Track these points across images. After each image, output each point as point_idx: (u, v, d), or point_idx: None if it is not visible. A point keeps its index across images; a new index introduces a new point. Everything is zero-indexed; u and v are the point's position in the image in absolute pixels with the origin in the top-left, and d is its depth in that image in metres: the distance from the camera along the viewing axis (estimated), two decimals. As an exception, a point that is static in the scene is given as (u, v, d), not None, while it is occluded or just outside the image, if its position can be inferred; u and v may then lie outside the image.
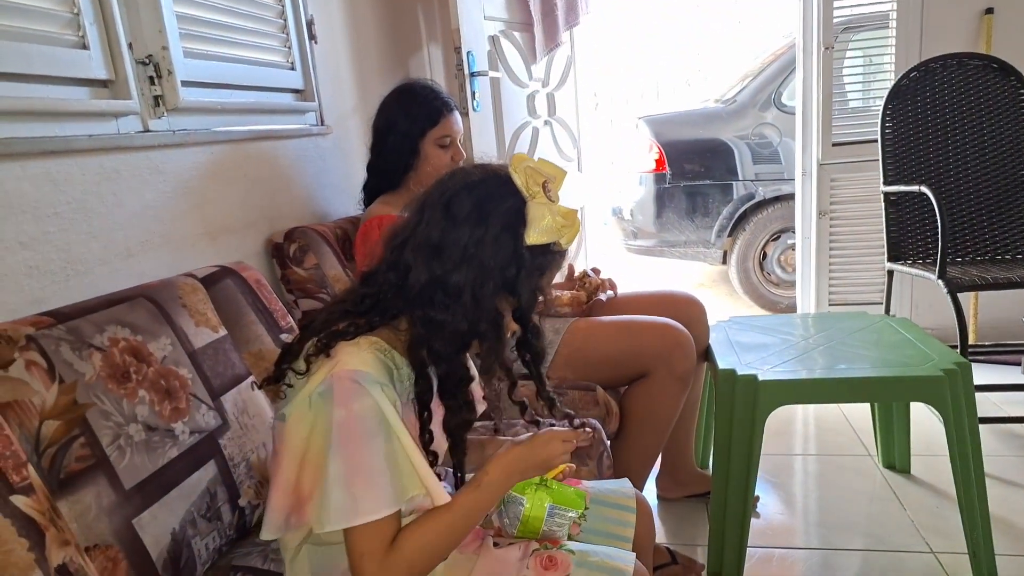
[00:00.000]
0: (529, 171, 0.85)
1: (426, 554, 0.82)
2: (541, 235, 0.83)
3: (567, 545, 0.91)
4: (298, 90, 1.75)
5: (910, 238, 2.34)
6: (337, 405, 0.77)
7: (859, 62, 2.94)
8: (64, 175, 1.05)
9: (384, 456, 0.79)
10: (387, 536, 0.80)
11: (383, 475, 0.78)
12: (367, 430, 0.78)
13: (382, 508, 0.78)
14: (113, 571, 0.84)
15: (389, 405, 0.80)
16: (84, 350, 0.92)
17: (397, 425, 0.80)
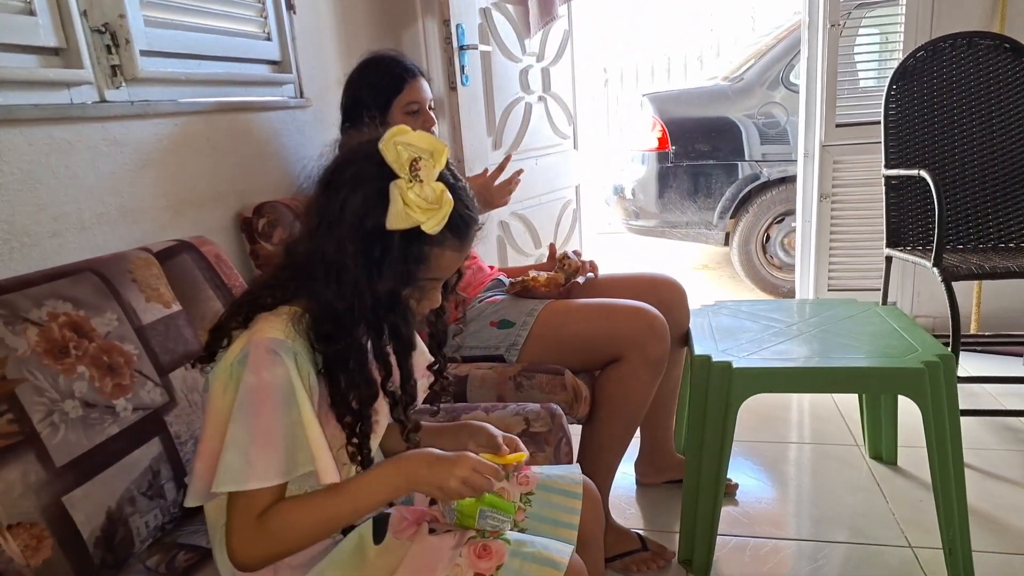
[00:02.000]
0: (402, 147, 0.80)
1: (295, 531, 0.81)
2: (397, 219, 0.79)
3: (504, 535, 0.89)
4: (275, 61, 1.71)
5: (910, 224, 2.27)
6: (249, 371, 0.78)
7: (875, 39, 2.84)
8: (8, 145, 1.03)
9: (284, 427, 0.78)
10: (262, 505, 0.79)
11: (279, 445, 0.78)
12: (272, 399, 0.78)
13: (271, 477, 0.78)
14: (37, 548, 0.83)
15: (298, 377, 0.79)
16: (18, 324, 0.90)
17: (302, 398, 0.79)
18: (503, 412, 1.25)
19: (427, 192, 0.79)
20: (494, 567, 0.84)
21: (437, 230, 0.80)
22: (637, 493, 1.88)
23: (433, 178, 0.80)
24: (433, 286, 0.88)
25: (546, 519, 0.99)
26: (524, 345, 1.52)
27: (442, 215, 0.80)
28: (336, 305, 0.81)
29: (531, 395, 1.40)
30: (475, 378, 1.44)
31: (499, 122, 2.50)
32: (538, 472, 1.04)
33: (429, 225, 0.79)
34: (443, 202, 0.80)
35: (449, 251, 0.84)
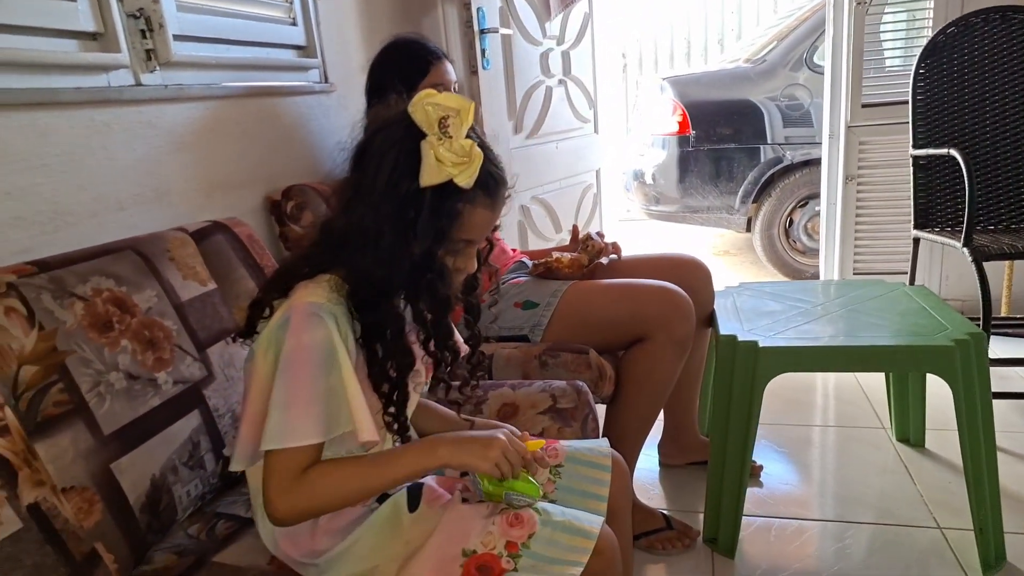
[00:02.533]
0: (430, 108, 0.82)
1: (331, 492, 0.83)
2: (429, 174, 0.81)
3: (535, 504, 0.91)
4: (300, 46, 1.73)
5: (939, 205, 2.24)
6: (291, 334, 0.80)
7: (902, 17, 2.79)
8: (52, 127, 1.06)
9: (324, 387, 0.80)
10: (301, 463, 0.81)
11: (320, 404, 0.80)
12: (313, 360, 0.80)
13: (313, 435, 0.80)
14: (89, 512, 0.87)
15: (339, 338, 0.81)
16: (66, 299, 0.93)
17: (343, 359, 0.81)
18: (529, 389, 1.27)
19: (457, 147, 0.81)
20: (526, 535, 0.86)
21: (469, 183, 0.82)
22: (660, 474, 1.89)
23: (462, 135, 0.82)
24: (468, 250, 0.90)
25: (575, 491, 1.00)
26: (548, 325, 1.53)
27: (473, 168, 0.82)
28: (374, 272, 0.83)
29: (556, 374, 1.41)
30: (500, 357, 1.46)
31: (520, 106, 2.50)
32: (566, 445, 1.05)
33: (462, 178, 0.81)
34: (473, 155, 0.82)
35: (481, 208, 0.86)
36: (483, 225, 0.88)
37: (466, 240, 0.88)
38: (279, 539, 0.92)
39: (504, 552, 0.84)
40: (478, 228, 0.88)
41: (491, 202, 0.87)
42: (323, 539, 0.90)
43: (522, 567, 0.84)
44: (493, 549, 0.85)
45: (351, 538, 0.89)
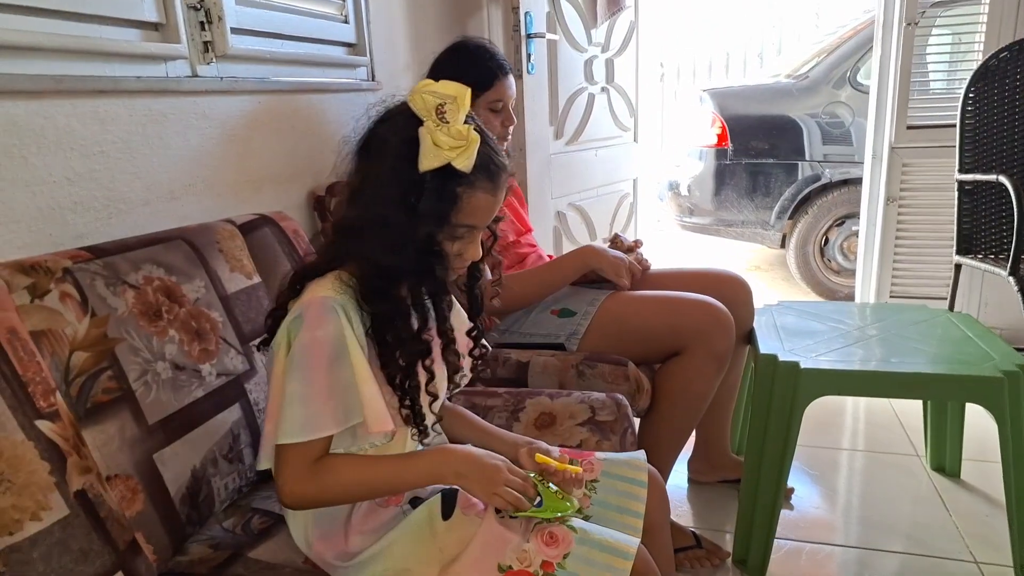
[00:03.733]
0: (428, 96, 0.83)
1: (340, 485, 0.86)
2: (428, 159, 0.82)
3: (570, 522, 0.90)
4: (350, 44, 1.74)
5: (983, 231, 2.20)
6: (304, 329, 0.83)
7: (947, 40, 2.75)
8: (112, 115, 1.07)
9: (337, 379, 0.82)
10: (314, 454, 0.84)
11: (332, 396, 0.82)
12: (325, 353, 0.82)
13: (326, 427, 0.82)
14: (132, 500, 0.87)
15: (350, 330, 0.83)
16: (118, 286, 0.94)
17: (354, 350, 0.83)
18: (568, 399, 1.26)
19: (454, 131, 0.82)
20: (561, 555, 0.85)
21: (468, 166, 0.83)
22: (689, 491, 1.86)
23: (459, 120, 0.83)
24: (470, 236, 0.90)
25: (611, 506, 0.98)
26: (585, 334, 1.52)
27: (471, 151, 0.83)
28: (381, 260, 0.85)
29: (593, 384, 1.39)
30: (536, 364, 1.44)
31: (562, 112, 2.49)
32: (602, 458, 1.04)
33: (459, 161, 0.83)
34: (470, 139, 0.83)
35: (481, 193, 0.87)
36: (484, 210, 0.89)
37: (467, 225, 0.88)
38: (313, 541, 0.92)
39: (540, 571, 0.83)
40: (479, 213, 0.88)
41: (491, 186, 0.88)
42: (356, 539, 0.90)
43: None
44: (529, 567, 0.84)
45: (384, 540, 0.89)
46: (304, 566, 0.93)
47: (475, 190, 0.86)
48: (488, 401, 1.27)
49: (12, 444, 0.73)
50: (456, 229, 0.88)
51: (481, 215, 0.89)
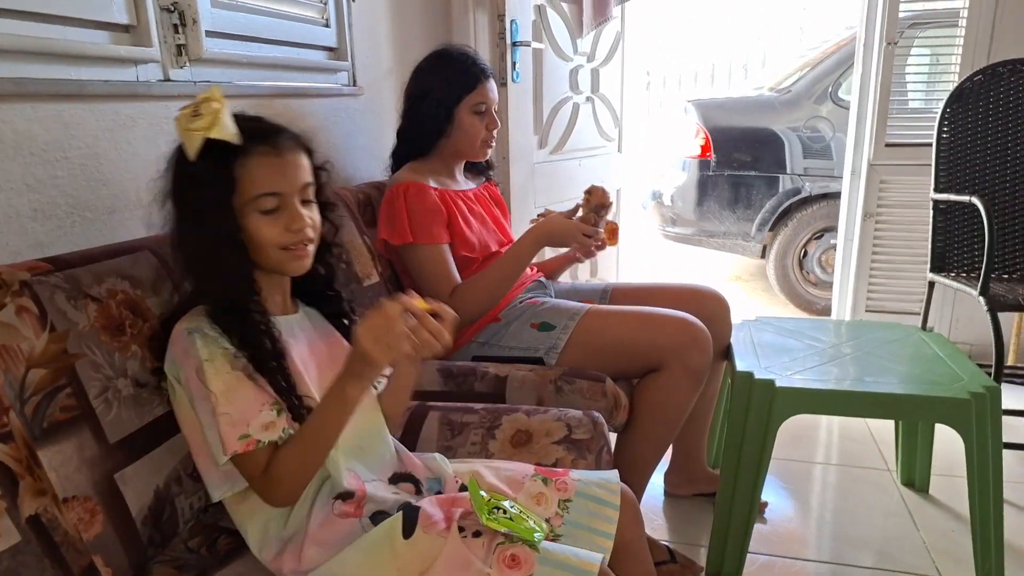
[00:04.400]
0: (183, 111, 0.88)
1: (294, 467, 0.87)
2: (188, 145, 0.86)
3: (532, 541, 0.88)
4: (331, 48, 1.71)
5: (956, 250, 2.22)
6: (181, 365, 0.87)
7: (925, 60, 2.79)
8: (76, 119, 1.04)
9: (224, 397, 0.85)
10: (259, 464, 0.87)
11: (228, 415, 0.85)
12: (204, 378, 0.85)
13: (234, 437, 0.84)
14: (90, 523, 0.84)
15: (214, 348, 0.87)
16: (80, 299, 0.91)
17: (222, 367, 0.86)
18: (544, 416, 1.24)
19: (202, 108, 0.86)
20: None
21: (223, 132, 0.86)
22: (665, 504, 1.86)
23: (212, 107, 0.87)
24: (281, 205, 0.91)
25: (583, 526, 0.98)
26: (564, 349, 1.51)
27: (220, 117, 0.86)
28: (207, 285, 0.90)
29: (571, 400, 1.38)
30: (515, 379, 1.43)
31: (546, 121, 2.48)
32: (576, 478, 1.03)
33: (215, 131, 0.85)
34: (213, 109, 0.86)
35: (258, 156, 0.89)
36: (272, 171, 0.90)
37: (263, 194, 0.89)
38: (270, 555, 0.91)
39: None
40: (267, 176, 0.90)
41: (269, 148, 0.90)
42: (311, 552, 0.89)
43: None
44: None
45: (340, 557, 0.88)
46: (269, 589, 0.91)
47: (250, 155, 0.89)
48: (464, 417, 1.26)
49: (-40, 469, 0.70)
50: (255, 203, 0.89)
51: (271, 178, 0.90)
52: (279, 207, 0.91)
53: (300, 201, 0.93)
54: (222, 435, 0.84)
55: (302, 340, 0.99)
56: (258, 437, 0.85)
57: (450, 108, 1.58)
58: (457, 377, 1.46)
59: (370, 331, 0.85)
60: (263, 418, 0.87)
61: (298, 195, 0.93)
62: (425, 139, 1.62)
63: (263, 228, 0.90)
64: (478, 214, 1.68)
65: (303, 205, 0.94)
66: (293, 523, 0.92)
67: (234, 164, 0.88)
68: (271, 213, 0.91)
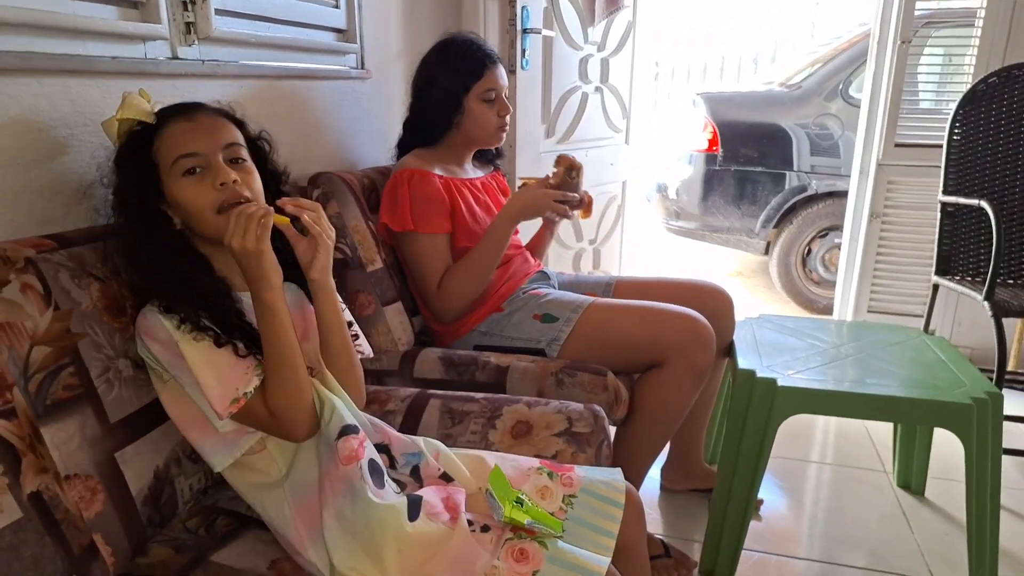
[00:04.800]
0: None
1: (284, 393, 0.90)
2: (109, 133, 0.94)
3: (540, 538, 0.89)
4: (340, 30, 1.70)
5: (962, 253, 2.21)
6: (152, 346, 0.89)
7: (938, 60, 2.76)
8: (83, 95, 1.03)
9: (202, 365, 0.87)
10: (259, 410, 0.89)
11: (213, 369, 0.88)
12: (178, 349, 0.87)
13: (226, 402, 0.87)
14: (91, 501, 0.84)
15: (175, 325, 0.89)
16: (84, 278, 0.91)
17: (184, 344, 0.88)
18: (545, 408, 1.24)
19: None
20: (531, 572, 0.84)
21: (129, 112, 0.92)
22: (660, 498, 1.87)
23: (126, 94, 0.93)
24: (196, 163, 0.92)
25: (586, 523, 0.98)
26: (567, 341, 1.51)
27: (129, 100, 0.92)
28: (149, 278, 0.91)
29: (571, 393, 1.38)
30: (516, 370, 1.43)
31: (555, 109, 2.47)
32: (582, 475, 1.03)
33: (123, 111, 0.91)
34: (126, 97, 0.92)
35: (173, 125, 0.93)
36: (186, 137, 0.92)
37: (183, 155, 0.91)
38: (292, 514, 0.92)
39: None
40: (182, 141, 0.92)
41: (182, 117, 0.94)
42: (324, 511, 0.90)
43: None
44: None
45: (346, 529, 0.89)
46: (267, 572, 0.91)
47: (165, 128, 0.93)
48: (465, 406, 1.26)
49: (-38, 444, 0.70)
50: (175, 168, 0.91)
51: (185, 140, 0.92)
52: (202, 168, 0.92)
53: (227, 160, 0.94)
54: (211, 402, 0.86)
55: None
56: (244, 390, 0.88)
57: (459, 98, 1.56)
58: (458, 366, 1.46)
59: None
60: (253, 382, 0.89)
61: (221, 153, 0.94)
62: (433, 130, 1.60)
63: (189, 191, 0.92)
64: (483, 203, 1.67)
65: (232, 166, 0.94)
66: (298, 476, 0.93)
67: (152, 141, 0.92)
68: (194, 174, 0.92)
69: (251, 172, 0.97)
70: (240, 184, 0.93)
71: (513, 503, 0.88)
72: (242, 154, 0.97)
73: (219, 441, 0.91)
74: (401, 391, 1.34)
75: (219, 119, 0.97)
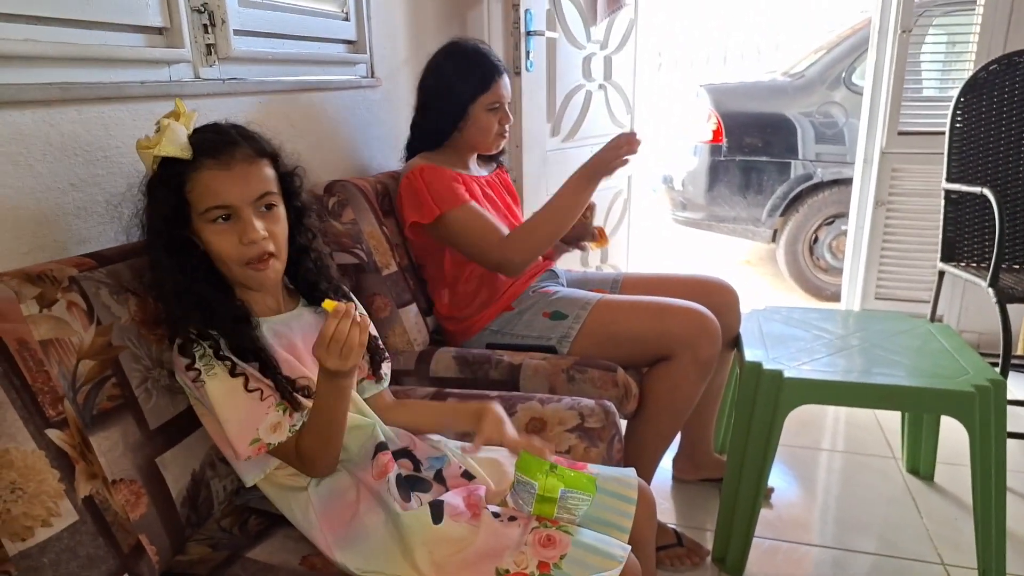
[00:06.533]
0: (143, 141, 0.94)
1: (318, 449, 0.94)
2: (145, 162, 0.94)
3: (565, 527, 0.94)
4: (350, 41, 1.74)
5: (967, 240, 2.24)
6: (180, 374, 0.94)
7: (940, 47, 2.78)
8: (116, 120, 1.09)
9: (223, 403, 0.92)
10: (286, 450, 0.95)
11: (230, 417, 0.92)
12: (206, 384, 0.91)
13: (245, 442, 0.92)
14: (135, 504, 0.90)
15: (210, 361, 0.92)
16: (121, 294, 0.96)
17: (211, 384, 0.92)
18: (558, 405, 1.29)
19: (161, 126, 0.91)
20: (558, 556, 0.89)
21: (173, 148, 0.91)
22: (672, 488, 1.91)
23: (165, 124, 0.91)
24: (233, 216, 0.94)
25: (598, 519, 1.02)
26: (576, 338, 1.55)
27: (169, 134, 0.91)
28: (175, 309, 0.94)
29: (582, 389, 1.43)
30: (528, 367, 1.48)
31: (559, 109, 2.50)
32: (595, 472, 1.07)
33: (164, 147, 0.91)
34: (164, 127, 0.91)
35: (208, 171, 0.93)
36: (219, 186, 0.93)
37: (214, 207, 0.93)
38: (317, 520, 0.97)
39: (536, 572, 0.87)
40: (215, 191, 0.93)
41: (217, 162, 0.93)
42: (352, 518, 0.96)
43: None
44: (525, 568, 0.87)
45: (373, 533, 0.95)
46: (300, 567, 0.97)
47: (200, 171, 0.92)
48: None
49: (24, 454, 0.76)
50: (206, 216, 0.92)
51: (218, 191, 0.93)
52: (231, 218, 0.94)
53: (257, 211, 0.95)
54: (231, 441, 0.92)
55: (296, 332, 1.04)
56: (267, 440, 0.92)
57: (465, 106, 1.61)
58: (472, 364, 1.51)
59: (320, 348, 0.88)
60: (270, 420, 0.93)
61: (251, 207, 0.94)
62: (438, 133, 1.65)
63: (217, 240, 0.94)
64: (490, 198, 1.72)
65: (261, 216, 0.95)
66: (324, 483, 0.99)
67: (185, 179, 0.92)
68: (222, 223, 0.93)
69: (279, 220, 0.98)
70: (267, 239, 0.95)
71: (547, 472, 0.92)
72: (273, 200, 0.97)
73: (248, 464, 0.97)
74: (418, 391, 1.39)
75: (254, 164, 0.96)
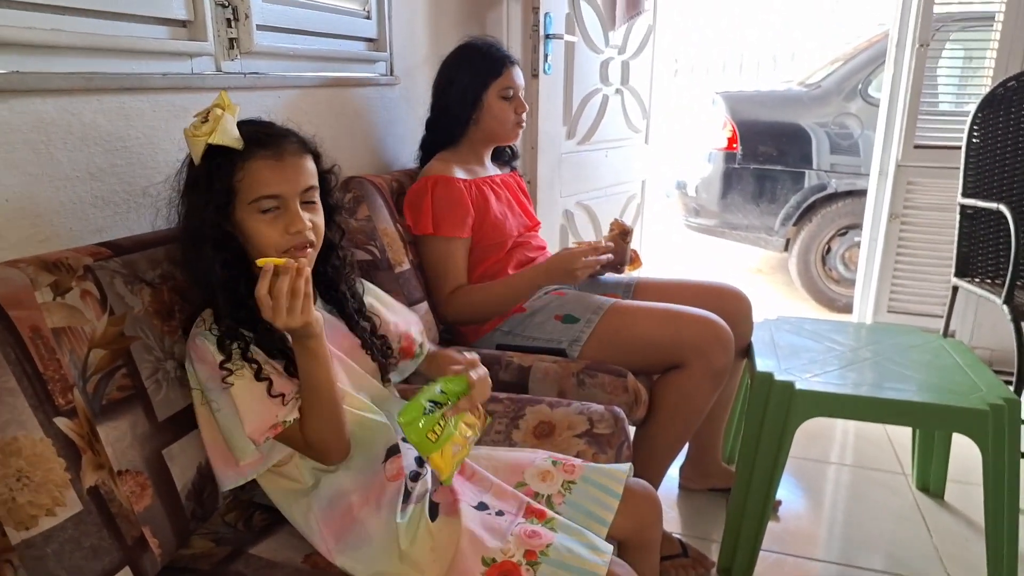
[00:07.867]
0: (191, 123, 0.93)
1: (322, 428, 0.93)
2: (193, 149, 0.92)
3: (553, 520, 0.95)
4: (371, 39, 1.75)
5: (981, 255, 2.22)
6: (197, 366, 0.93)
7: (958, 62, 2.76)
8: (136, 110, 1.09)
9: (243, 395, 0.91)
10: (296, 437, 0.93)
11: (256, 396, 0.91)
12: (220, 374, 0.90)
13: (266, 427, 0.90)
14: (140, 495, 0.89)
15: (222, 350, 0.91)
16: (136, 284, 0.96)
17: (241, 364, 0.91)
18: (567, 409, 1.28)
19: (210, 115, 0.91)
20: (544, 545, 0.89)
21: (224, 138, 0.90)
22: (679, 497, 1.90)
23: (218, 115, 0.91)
24: (280, 206, 0.94)
25: (581, 508, 1.02)
26: (587, 342, 1.54)
27: (221, 123, 0.90)
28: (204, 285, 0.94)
29: (592, 393, 1.42)
30: (538, 370, 1.47)
31: (576, 112, 2.50)
32: (585, 464, 1.08)
33: (216, 136, 0.90)
34: (213, 116, 0.91)
35: (260, 160, 0.93)
36: (272, 176, 0.93)
37: (264, 196, 0.93)
38: (318, 525, 0.96)
39: (523, 560, 0.88)
40: (267, 180, 0.93)
41: (269, 153, 0.93)
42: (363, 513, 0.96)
43: (542, 574, 0.87)
44: (512, 557, 0.88)
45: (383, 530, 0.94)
46: (303, 565, 0.96)
47: (251, 160, 0.92)
48: (489, 406, 1.30)
49: (32, 442, 0.76)
50: (255, 205, 0.92)
51: (270, 180, 0.93)
52: (279, 208, 0.94)
53: (302, 203, 0.96)
54: (247, 429, 0.90)
55: None
56: (283, 419, 0.92)
57: (478, 94, 1.63)
58: (482, 366, 1.50)
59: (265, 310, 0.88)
60: (293, 413, 0.92)
61: (298, 198, 0.95)
62: (454, 127, 1.67)
63: (263, 229, 0.94)
64: (505, 199, 1.72)
65: (305, 207, 0.96)
66: (324, 488, 0.98)
67: (235, 169, 0.92)
68: (270, 213, 0.94)
69: (319, 213, 0.99)
70: (310, 229, 0.96)
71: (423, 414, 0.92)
72: (315, 196, 0.99)
73: (235, 473, 0.95)
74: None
75: (302, 157, 0.97)
